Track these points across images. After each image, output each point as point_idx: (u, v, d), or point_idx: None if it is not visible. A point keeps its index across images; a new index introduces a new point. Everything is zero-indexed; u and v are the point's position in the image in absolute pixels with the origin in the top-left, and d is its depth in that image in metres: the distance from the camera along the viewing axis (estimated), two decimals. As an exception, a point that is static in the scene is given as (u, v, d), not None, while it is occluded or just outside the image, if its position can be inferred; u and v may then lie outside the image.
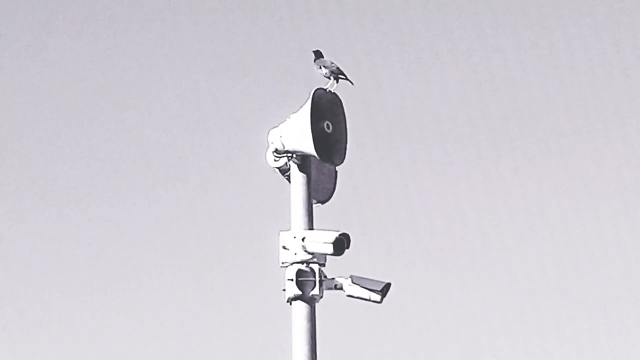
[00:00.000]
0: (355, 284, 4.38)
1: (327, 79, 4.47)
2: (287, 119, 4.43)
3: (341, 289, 4.40)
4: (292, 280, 4.31)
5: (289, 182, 4.48)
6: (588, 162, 14.30)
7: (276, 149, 4.44)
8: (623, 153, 14.65)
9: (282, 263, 4.38)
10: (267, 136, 4.48)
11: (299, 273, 4.34)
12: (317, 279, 4.34)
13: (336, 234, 4.26)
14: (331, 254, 4.31)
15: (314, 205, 4.48)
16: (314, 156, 4.34)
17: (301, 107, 4.37)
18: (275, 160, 4.48)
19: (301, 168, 4.46)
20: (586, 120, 14.32)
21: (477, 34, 13.36)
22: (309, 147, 4.31)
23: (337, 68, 4.46)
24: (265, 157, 4.50)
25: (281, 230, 4.40)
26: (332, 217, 4.50)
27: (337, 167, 4.53)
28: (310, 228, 4.41)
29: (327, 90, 4.46)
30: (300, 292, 4.32)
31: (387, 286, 4.39)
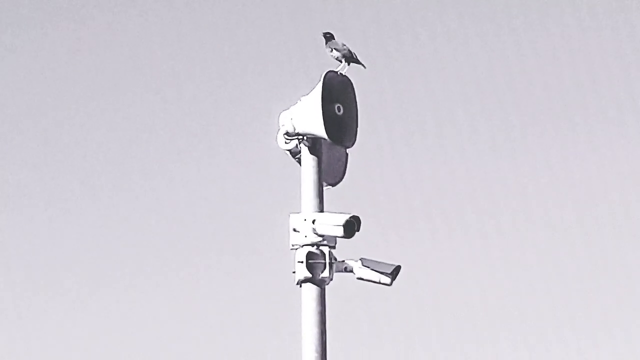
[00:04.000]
0: (365, 266, 4.40)
1: (339, 62, 4.47)
2: (298, 101, 4.43)
3: (351, 271, 4.42)
4: (302, 262, 4.33)
5: (300, 164, 4.49)
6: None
7: (287, 132, 4.44)
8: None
9: (293, 245, 4.40)
10: (278, 119, 4.49)
11: (309, 255, 4.35)
12: (327, 261, 4.35)
13: (347, 217, 4.27)
14: (341, 237, 4.31)
15: (324, 188, 4.50)
16: (325, 138, 4.35)
17: (312, 89, 4.37)
18: (286, 143, 4.48)
19: (312, 150, 4.46)
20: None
21: (493, 17, 13.37)
22: (320, 130, 4.32)
23: (349, 51, 4.46)
24: (276, 140, 4.51)
25: (291, 213, 4.41)
26: (342, 199, 4.51)
27: (347, 150, 4.53)
28: (321, 210, 4.42)
29: (339, 72, 4.46)
30: (310, 275, 4.33)
31: (397, 269, 4.40)
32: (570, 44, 14.37)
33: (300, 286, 4.39)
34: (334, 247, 4.39)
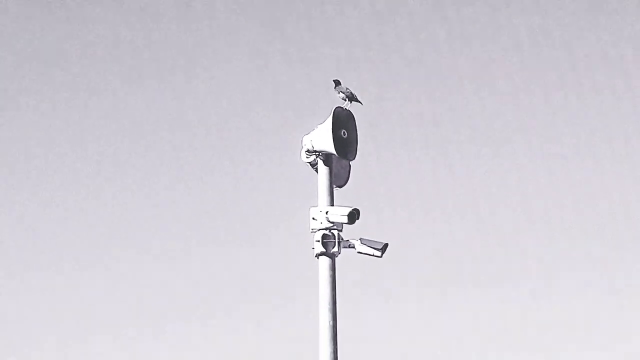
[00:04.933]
0: (363, 244, 6.20)
1: (344, 101, 6.29)
2: (315, 128, 6.24)
3: (353, 247, 6.22)
4: (319, 241, 6.14)
5: (317, 172, 6.29)
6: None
7: (308, 149, 6.25)
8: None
9: (312, 229, 6.20)
10: (302, 140, 6.30)
11: (324, 236, 6.16)
12: (337, 240, 6.16)
13: (350, 209, 6.09)
14: (346, 223, 6.12)
15: (334, 189, 6.30)
16: (335, 154, 6.17)
17: (325, 119, 6.19)
18: (307, 157, 6.29)
19: (325, 163, 6.27)
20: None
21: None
22: (331, 148, 6.13)
23: (351, 93, 6.27)
24: (300, 155, 6.32)
25: (311, 207, 6.22)
26: (347, 197, 6.33)
27: (350, 162, 6.34)
28: (332, 204, 6.23)
29: (344, 108, 6.27)
30: (324, 250, 6.15)
31: (386, 246, 6.20)
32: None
33: (318, 258, 6.19)
34: (341, 230, 6.19)
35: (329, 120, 6.13)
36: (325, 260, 6.21)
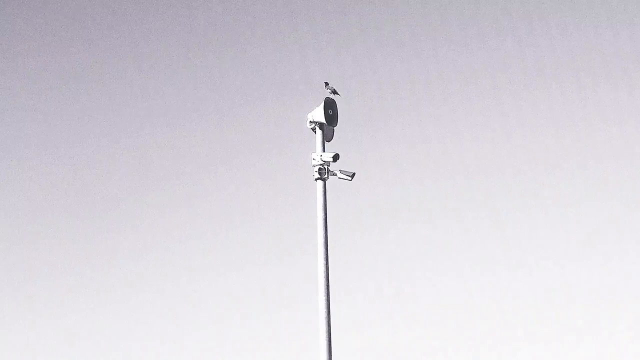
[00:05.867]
0: (342, 172, 11.07)
1: (330, 93, 11.20)
2: (315, 108, 11.14)
3: (335, 175, 11.07)
4: (316, 171, 11.03)
5: (315, 133, 11.18)
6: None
7: (310, 120, 11.15)
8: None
9: (313, 165, 11.08)
10: (306, 116, 11.20)
11: (319, 169, 11.04)
12: (327, 170, 11.04)
13: (333, 153, 10.98)
14: (332, 161, 10.99)
15: (325, 142, 11.21)
16: (325, 123, 11.07)
17: (320, 104, 11.09)
18: (310, 125, 11.19)
19: (320, 128, 11.16)
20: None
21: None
22: (323, 120, 11.03)
23: (334, 89, 11.18)
24: (306, 124, 11.21)
25: (312, 152, 11.11)
26: (333, 147, 11.23)
27: (334, 128, 11.25)
28: (324, 151, 11.11)
29: (331, 97, 11.18)
30: (319, 176, 11.02)
31: (354, 174, 11.06)
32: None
33: (316, 181, 11.07)
34: (329, 165, 11.05)
35: (322, 104, 11.04)
36: (320, 184, 11.09)
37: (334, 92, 11.13)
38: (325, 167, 10.96)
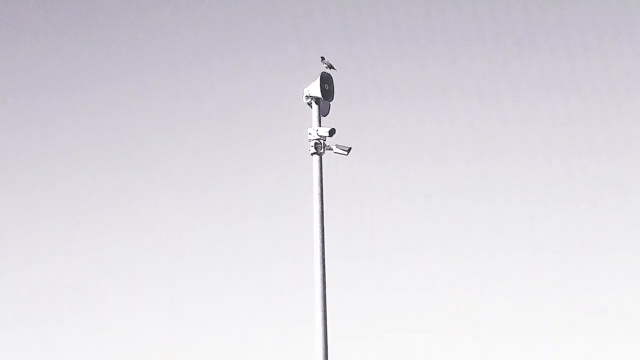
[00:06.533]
0: (338, 147, 11.14)
1: (326, 68, 11.23)
2: (312, 82, 11.18)
3: (331, 149, 11.15)
4: (312, 145, 11.09)
5: (311, 107, 11.23)
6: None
7: (306, 95, 11.19)
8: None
9: (309, 140, 11.13)
10: (303, 90, 11.24)
11: (315, 143, 11.09)
12: (323, 145, 11.11)
13: (330, 128, 11.04)
14: (328, 137, 11.06)
15: (321, 117, 11.26)
16: (321, 97, 11.12)
17: (316, 79, 11.12)
18: (306, 100, 11.21)
19: (316, 103, 11.20)
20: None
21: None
22: (319, 94, 11.07)
23: (330, 64, 11.21)
24: (302, 98, 11.25)
25: (308, 127, 11.16)
26: (328, 121, 11.29)
27: (330, 102, 11.30)
28: (320, 126, 11.16)
29: (327, 72, 11.21)
30: (315, 150, 11.08)
31: (350, 149, 11.13)
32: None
33: (312, 156, 11.13)
34: (325, 140, 11.12)
35: (318, 79, 11.07)
36: (316, 158, 11.15)
37: (330, 66, 11.16)
38: (322, 141, 11.02)
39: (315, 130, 11.02)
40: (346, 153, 11.11)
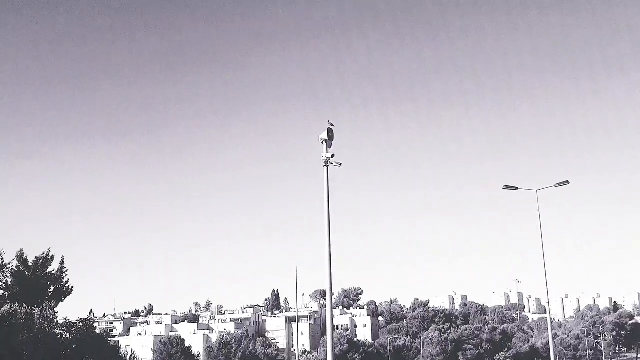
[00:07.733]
0: (335, 163, 23.62)
1: (330, 125, 23.74)
2: (325, 131, 23.68)
3: (332, 164, 23.65)
4: (323, 162, 23.63)
5: (323, 144, 23.74)
6: None
7: (321, 139, 23.76)
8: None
9: (322, 159, 23.67)
10: (320, 136, 23.76)
11: (325, 161, 23.63)
12: (328, 162, 23.60)
13: (332, 153, 23.56)
14: (331, 158, 23.58)
15: (328, 148, 23.75)
16: (327, 139, 23.66)
17: (324, 130, 23.63)
18: (320, 140, 23.78)
19: (325, 142, 23.77)
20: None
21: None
22: (326, 137, 23.65)
23: (332, 124, 23.74)
24: (319, 139, 23.82)
25: (322, 153, 23.67)
26: (332, 151, 23.79)
27: (332, 141, 23.81)
28: (327, 152, 23.69)
29: (330, 127, 23.71)
30: (325, 164, 23.62)
31: (341, 164, 23.60)
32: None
33: (323, 167, 23.65)
34: (329, 160, 23.61)
35: (325, 131, 23.67)
36: (325, 169, 23.77)
37: (332, 125, 23.66)
38: (328, 160, 23.49)
39: (325, 154, 23.51)
40: (339, 165, 23.59)
